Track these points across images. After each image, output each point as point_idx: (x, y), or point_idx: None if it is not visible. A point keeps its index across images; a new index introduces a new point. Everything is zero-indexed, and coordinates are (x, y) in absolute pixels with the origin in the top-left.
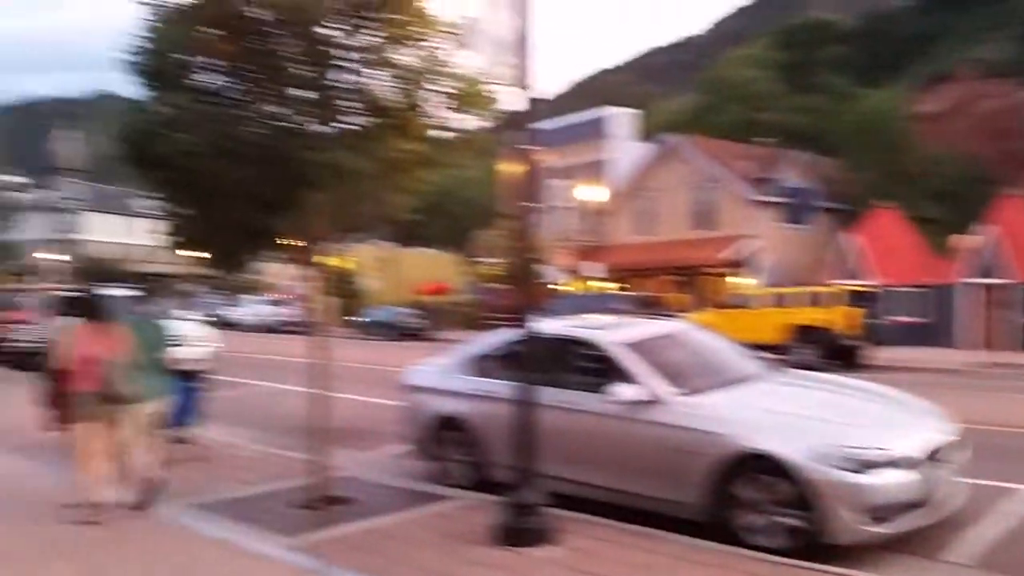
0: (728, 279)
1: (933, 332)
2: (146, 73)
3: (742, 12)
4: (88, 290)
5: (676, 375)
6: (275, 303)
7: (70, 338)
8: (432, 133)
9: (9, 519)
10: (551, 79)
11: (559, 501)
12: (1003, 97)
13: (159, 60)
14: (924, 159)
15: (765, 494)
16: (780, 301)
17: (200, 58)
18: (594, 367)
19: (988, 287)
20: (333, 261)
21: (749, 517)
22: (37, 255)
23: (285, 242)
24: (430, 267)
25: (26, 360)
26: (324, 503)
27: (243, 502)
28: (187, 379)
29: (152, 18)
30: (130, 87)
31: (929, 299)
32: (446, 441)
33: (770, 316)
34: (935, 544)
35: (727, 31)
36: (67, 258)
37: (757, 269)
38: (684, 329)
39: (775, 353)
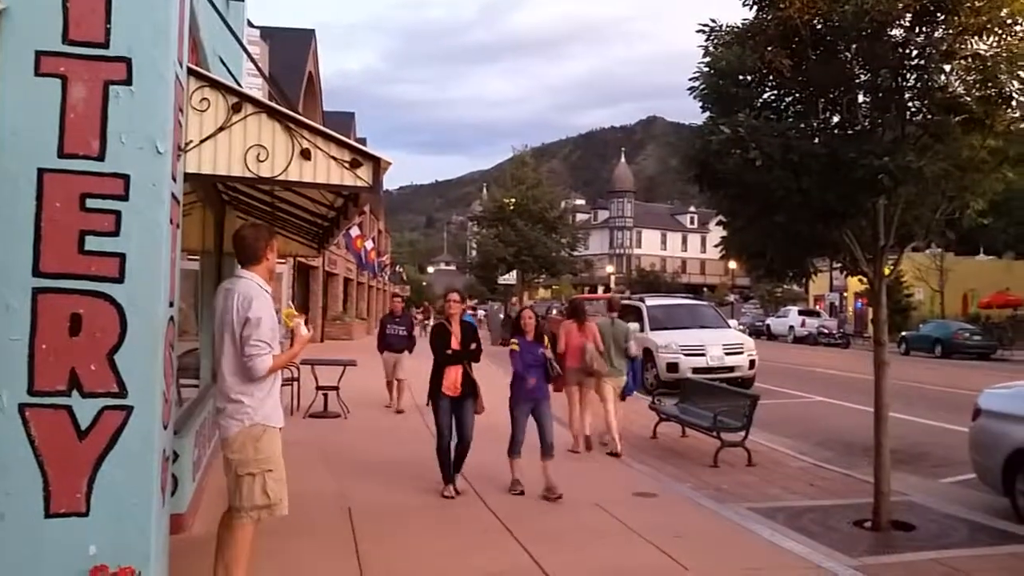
0: None
1: None
2: (706, 96)
3: None
4: (639, 298)
5: None
6: (813, 314)
7: (563, 332)
8: (1016, 126)
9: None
10: None
11: None
12: None
13: (718, 83)
14: None
15: None
16: None
17: (759, 76)
18: None
19: None
20: (886, 271)
21: None
22: (606, 268)
23: (840, 252)
24: (991, 276)
25: None
26: (885, 525)
27: (798, 511)
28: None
29: (710, 44)
30: (675, 111)
31: None
32: (1023, 474)
33: None
34: None
35: None
36: (618, 270)
37: None
38: None
39: None
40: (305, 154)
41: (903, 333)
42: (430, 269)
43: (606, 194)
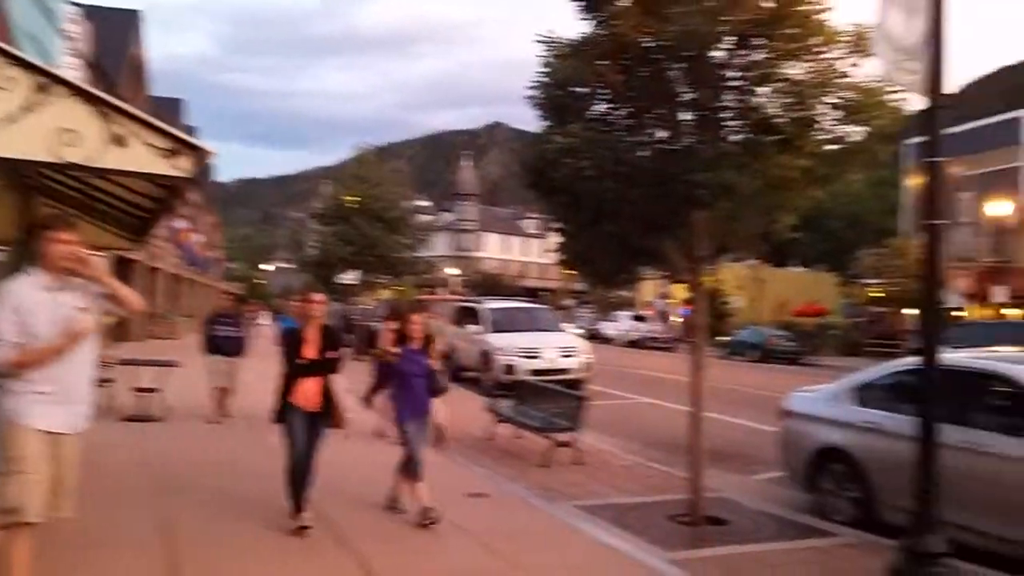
0: None
1: None
2: (543, 106)
3: None
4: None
5: None
6: (641, 319)
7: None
8: (824, 148)
9: None
10: (951, 80)
11: (958, 553)
12: None
13: (555, 93)
14: None
15: None
16: None
17: (592, 89)
18: (1011, 406)
19: None
20: (705, 280)
21: None
22: (446, 270)
23: (664, 261)
24: (802, 287)
25: None
26: (701, 521)
27: (622, 509)
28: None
29: (548, 55)
30: (520, 117)
31: None
32: (829, 473)
33: None
34: None
35: None
36: (462, 273)
37: None
38: None
39: None
40: (119, 140)
41: (726, 338)
42: (266, 266)
43: (451, 197)
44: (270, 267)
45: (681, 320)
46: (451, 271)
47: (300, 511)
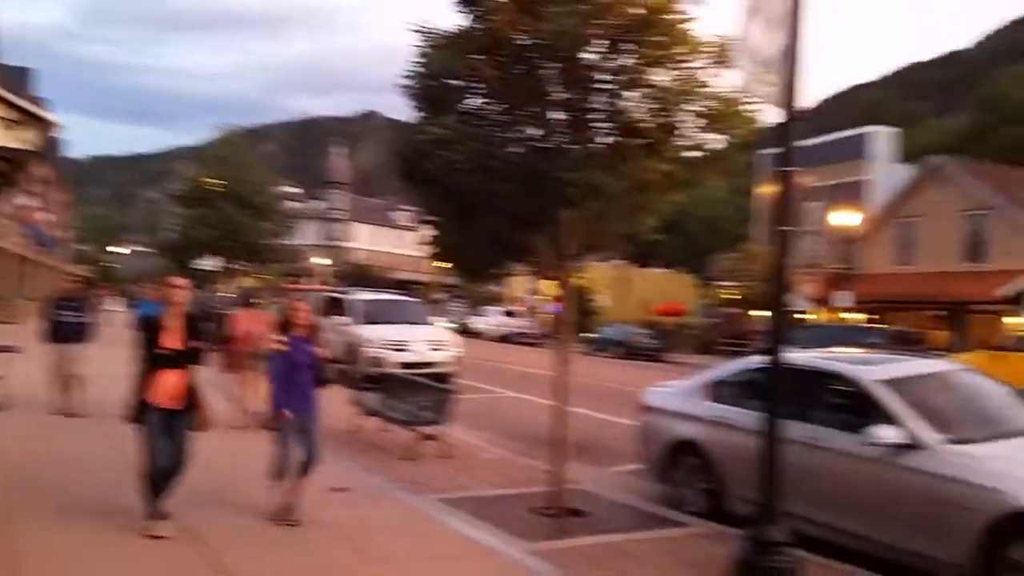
0: (1005, 318)
1: None
2: (417, 96)
3: (1017, 25)
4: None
5: (943, 420)
6: (511, 314)
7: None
8: (685, 154)
9: None
10: (806, 94)
11: (799, 542)
12: None
13: (430, 84)
14: None
15: None
16: None
17: (467, 82)
18: (848, 404)
19: None
20: (574, 277)
21: None
22: (314, 259)
23: (534, 257)
24: (663, 287)
25: None
26: (561, 513)
27: (485, 501)
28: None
29: (423, 45)
30: (395, 107)
31: None
32: (682, 466)
33: None
34: None
35: (996, 46)
36: (332, 263)
37: None
38: (953, 370)
39: None
40: None
41: (592, 335)
42: (119, 248)
43: (322, 184)
44: (124, 249)
45: (550, 316)
46: (320, 260)
47: (157, 518)
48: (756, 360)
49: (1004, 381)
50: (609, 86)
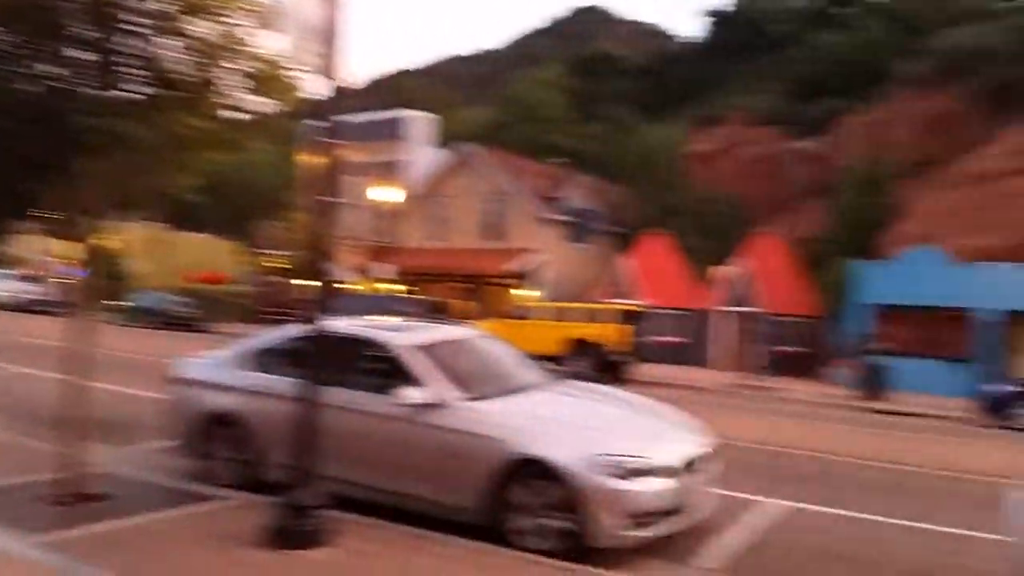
0: (513, 290)
1: (690, 352)
2: None
3: (539, 34)
4: None
5: (463, 380)
6: (29, 279)
7: None
8: (224, 113)
9: None
10: (349, 74)
11: (339, 503)
12: (765, 144)
13: None
14: (694, 193)
15: (537, 498)
16: (559, 315)
17: None
18: (381, 368)
19: (739, 314)
20: (100, 238)
21: (521, 521)
22: None
23: (50, 212)
24: (205, 253)
25: None
26: (77, 499)
27: None
28: None
29: None
30: None
31: (688, 322)
32: (217, 438)
33: (550, 328)
34: (687, 549)
35: (525, 50)
36: None
37: (540, 282)
38: (473, 336)
39: (553, 363)
40: None
41: (124, 303)
42: None
43: None
44: None
45: (73, 282)
46: None
47: None
48: (296, 329)
49: (514, 345)
50: (138, 29)
